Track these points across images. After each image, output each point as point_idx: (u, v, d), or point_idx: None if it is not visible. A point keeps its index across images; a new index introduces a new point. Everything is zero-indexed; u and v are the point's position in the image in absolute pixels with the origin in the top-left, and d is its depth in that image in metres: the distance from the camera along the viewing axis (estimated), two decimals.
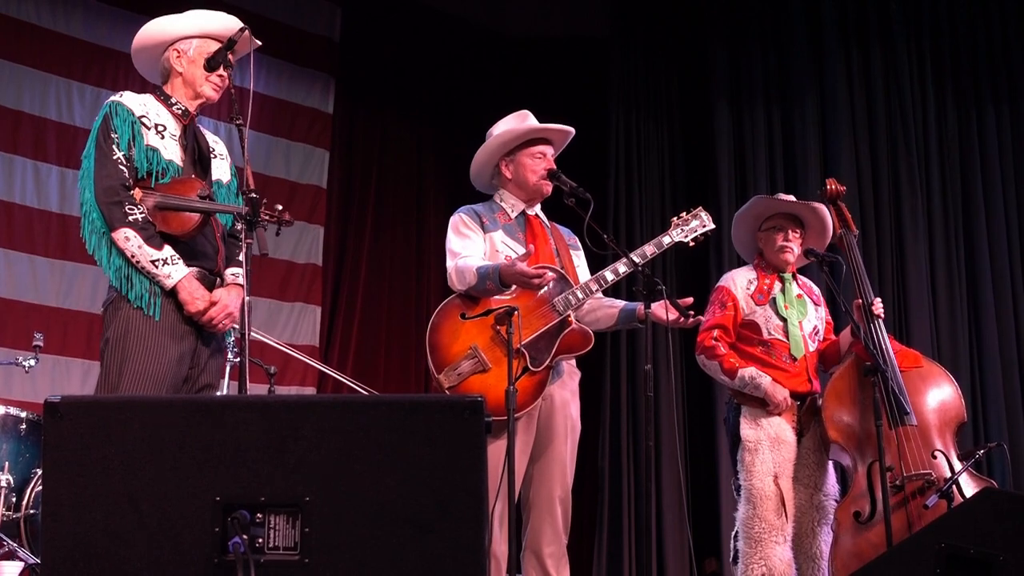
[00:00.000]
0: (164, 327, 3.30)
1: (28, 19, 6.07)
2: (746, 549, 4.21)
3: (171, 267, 3.29)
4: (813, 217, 4.47)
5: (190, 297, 3.32)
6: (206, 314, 3.35)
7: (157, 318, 3.28)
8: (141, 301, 3.27)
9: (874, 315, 4.34)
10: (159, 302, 3.29)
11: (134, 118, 3.36)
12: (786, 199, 4.51)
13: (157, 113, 3.45)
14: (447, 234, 3.98)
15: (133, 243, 3.25)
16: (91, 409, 2.07)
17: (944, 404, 4.31)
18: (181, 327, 3.34)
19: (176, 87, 3.53)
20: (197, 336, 3.39)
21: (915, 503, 4.02)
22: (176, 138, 3.45)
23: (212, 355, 3.48)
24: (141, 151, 3.34)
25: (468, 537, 1.98)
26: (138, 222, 3.26)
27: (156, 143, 3.38)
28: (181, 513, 1.96)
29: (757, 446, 4.26)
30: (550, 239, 4.04)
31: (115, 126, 3.33)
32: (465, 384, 3.67)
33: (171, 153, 3.41)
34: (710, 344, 4.36)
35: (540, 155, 4.02)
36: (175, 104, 3.50)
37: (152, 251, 3.26)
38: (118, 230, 3.25)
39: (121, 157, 3.30)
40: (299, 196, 6.99)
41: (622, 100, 7.36)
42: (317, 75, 7.23)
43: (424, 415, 2.04)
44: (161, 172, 3.36)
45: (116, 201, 3.26)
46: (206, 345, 3.43)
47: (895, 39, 6.90)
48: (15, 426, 4.51)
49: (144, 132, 3.37)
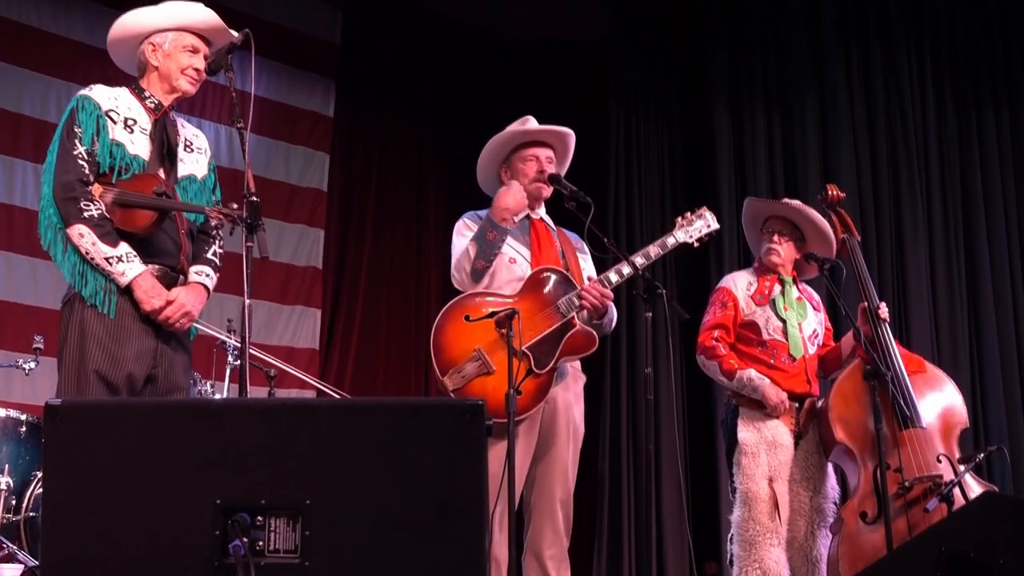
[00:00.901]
0: (120, 325, 3.25)
1: (29, 22, 6.08)
2: (740, 552, 4.21)
3: (126, 264, 3.24)
4: (805, 222, 4.48)
5: (145, 295, 3.26)
6: (162, 313, 3.29)
7: (112, 316, 3.23)
8: (95, 299, 3.23)
9: (880, 319, 4.34)
10: (114, 300, 3.24)
11: (100, 112, 3.33)
12: (784, 203, 4.52)
13: (128, 107, 3.41)
14: (452, 241, 4.00)
15: (87, 240, 3.21)
16: (91, 412, 2.07)
17: (948, 409, 4.32)
18: (138, 325, 3.29)
19: (151, 81, 3.49)
20: (157, 335, 3.33)
21: (921, 506, 4.02)
22: (146, 132, 3.41)
23: (175, 353, 3.40)
24: (105, 146, 3.30)
25: (468, 540, 1.98)
26: (93, 218, 3.22)
27: (123, 137, 3.34)
28: (181, 516, 1.96)
29: (753, 449, 4.27)
30: (555, 242, 4.04)
31: (80, 120, 3.30)
32: (469, 386, 3.66)
33: (138, 148, 3.36)
34: (710, 344, 4.37)
35: (532, 158, 4.03)
36: (148, 98, 3.47)
37: (106, 248, 3.22)
38: (72, 226, 3.22)
39: (83, 152, 3.27)
40: (299, 199, 6.99)
41: (622, 102, 7.37)
42: (318, 79, 7.23)
43: (425, 418, 2.04)
44: (125, 167, 3.32)
45: (72, 197, 3.22)
46: (167, 343, 3.37)
47: (895, 40, 6.90)
48: (15, 429, 4.51)
49: (110, 126, 3.33)
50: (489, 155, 4.08)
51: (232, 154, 6.54)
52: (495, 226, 3.83)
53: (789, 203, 4.51)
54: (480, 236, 3.84)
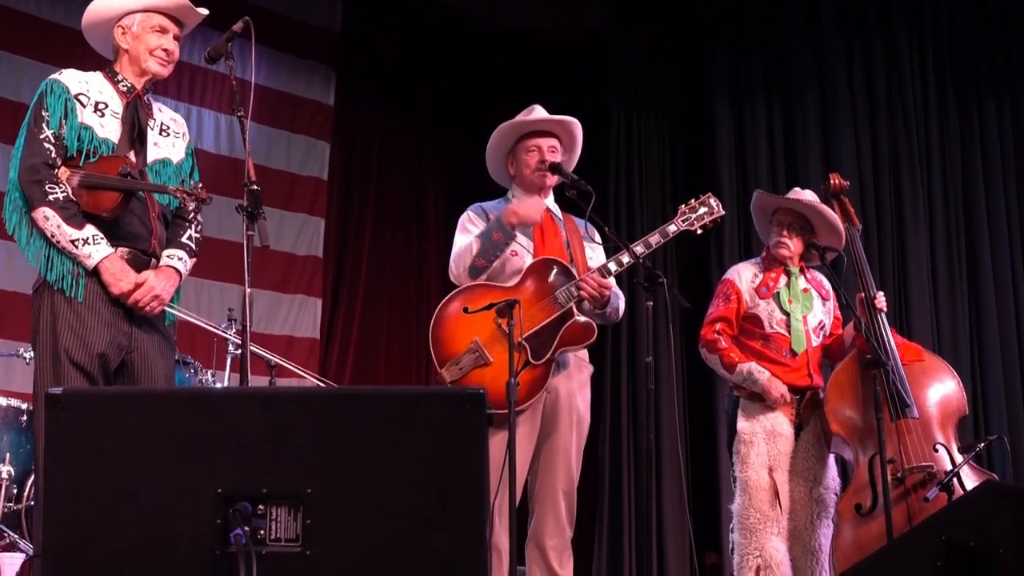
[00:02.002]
0: (91, 309, 3.22)
1: (28, 10, 6.07)
2: (741, 540, 4.23)
3: (92, 247, 3.21)
4: (815, 215, 4.48)
5: (113, 279, 3.23)
6: (131, 296, 3.25)
7: (80, 299, 3.21)
8: (63, 283, 3.21)
9: (876, 309, 4.34)
10: (83, 283, 3.22)
11: (68, 95, 3.31)
12: (794, 198, 4.50)
13: (100, 90, 3.40)
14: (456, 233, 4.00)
15: (52, 222, 3.18)
16: (92, 401, 2.07)
17: (946, 398, 4.32)
18: (110, 309, 3.25)
19: (123, 64, 3.47)
20: (131, 320, 3.30)
21: (916, 496, 4.03)
22: (118, 116, 3.39)
23: (150, 338, 3.36)
24: (73, 129, 3.28)
25: (469, 529, 1.98)
26: (59, 201, 3.19)
27: (92, 121, 3.32)
28: (182, 505, 1.96)
29: (752, 438, 4.28)
30: (561, 231, 4.03)
31: (48, 104, 3.29)
32: (467, 378, 3.66)
33: (108, 131, 3.34)
34: (712, 337, 4.38)
35: (534, 148, 4.01)
36: (121, 81, 3.45)
37: (72, 231, 3.19)
38: (37, 209, 3.20)
39: (49, 135, 3.25)
40: (300, 188, 6.99)
41: (622, 96, 7.35)
42: (318, 67, 7.22)
43: (425, 407, 2.04)
44: (93, 150, 3.29)
45: (36, 180, 3.20)
46: (140, 328, 3.33)
47: (896, 33, 6.88)
48: (16, 418, 4.51)
49: (79, 110, 3.31)
50: (495, 145, 4.07)
51: (233, 143, 6.54)
52: (502, 228, 3.81)
53: (800, 198, 4.49)
54: (486, 235, 3.83)
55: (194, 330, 5.45)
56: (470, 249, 3.83)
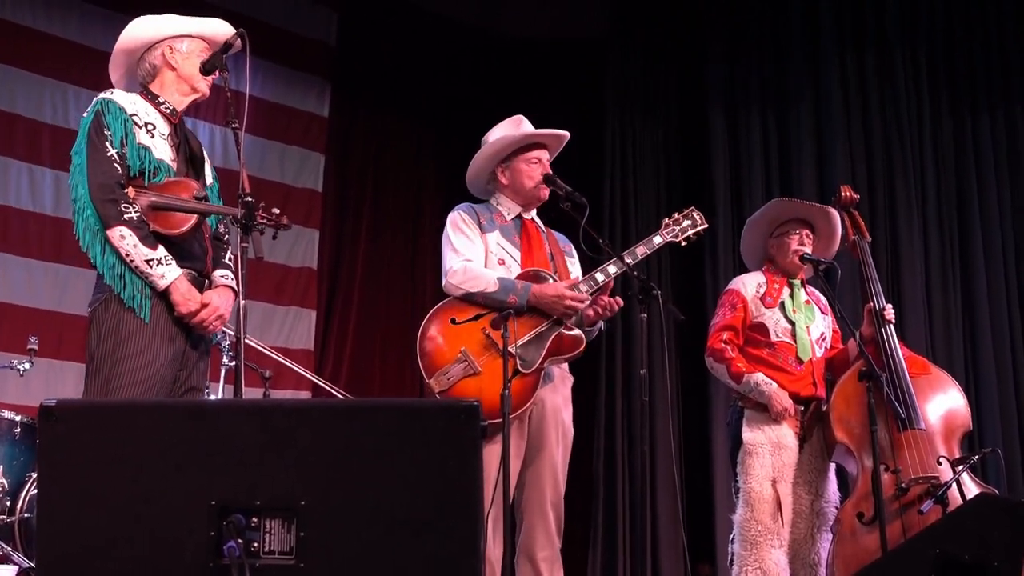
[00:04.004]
0: (155, 329, 3.26)
1: (23, 22, 6.06)
2: (741, 552, 4.22)
3: (165, 267, 3.25)
4: (825, 223, 4.50)
5: (183, 299, 3.28)
6: (197, 316, 3.31)
7: (147, 320, 3.24)
8: (133, 301, 3.23)
9: (885, 320, 4.36)
10: (149, 303, 3.25)
11: (126, 116, 3.33)
12: (804, 203, 4.53)
13: (146, 111, 3.42)
14: (445, 231, 3.97)
15: (128, 241, 3.21)
16: (86, 413, 2.07)
17: (951, 412, 4.33)
18: (172, 329, 3.31)
19: (166, 84, 3.48)
20: (187, 338, 3.36)
21: (917, 507, 4.03)
22: (166, 137, 3.42)
23: (200, 357, 3.45)
24: (133, 149, 3.30)
25: (464, 541, 1.98)
26: (133, 221, 3.22)
27: (147, 142, 3.35)
28: (176, 517, 1.95)
29: (757, 449, 4.27)
30: (545, 244, 4.05)
31: (108, 123, 3.30)
32: (455, 388, 3.66)
33: (161, 152, 3.37)
34: (719, 347, 4.39)
35: (536, 160, 4.02)
36: (163, 103, 3.47)
37: (147, 250, 3.23)
38: (113, 228, 3.22)
39: (115, 155, 3.27)
40: (294, 200, 6.98)
41: (619, 103, 7.37)
42: (313, 79, 7.22)
43: (420, 419, 2.04)
44: (153, 171, 3.32)
45: (111, 198, 3.22)
46: (195, 348, 3.40)
47: (891, 43, 6.91)
48: (10, 430, 4.50)
49: (135, 130, 3.33)
50: (490, 156, 4.04)
51: (227, 155, 6.54)
52: (521, 300, 3.73)
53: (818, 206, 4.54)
54: (503, 290, 3.75)
55: None
56: (486, 284, 3.77)
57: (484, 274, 3.80)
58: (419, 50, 7.60)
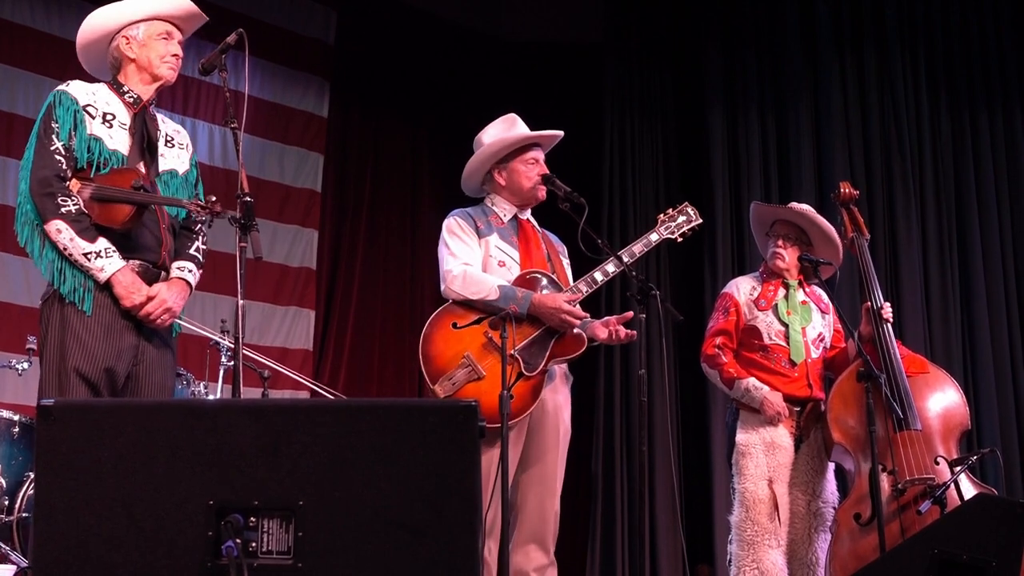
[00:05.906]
0: (100, 323, 3.21)
1: (23, 22, 6.06)
2: (739, 552, 4.23)
3: (104, 260, 3.20)
4: (811, 227, 4.49)
5: (125, 291, 3.22)
6: (143, 309, 3.24)
7: (88, 313, 3.20)
8: (74, 295, 3.19)
9: (883, 319, 4.36)
10: (91, 297, 3.21)
11: (77, 107, 3.30)
12: (789, 207, 4.52)
13: (107, 102, 3.38)
14: (441, 237, 3.96)
15: (65, 235, 3.17)
16: (84, 412, 2.06)
17: (949, 411, 4.32)
18: (120, 322, 3.25)
19: (130, 74, 3.45)
20: (139, 332, 3.30)
21: (914, 508, 4.03)
22: (125, 127, 3.38)
23: (158, 351, 3.36)
24: (83, 140, 3.27)
25: (462, 542, 1.98)
26: (71, 214, 3.18)
27: (101, 132, 3.31)
28: (174, 517, 1.95)
29: (750, 450, 4.28)
30: (542, 244, 4.05)
31: (57, 115, 3.27)
32: (460, 393, 3.65)
33: (117, 143, 3.33)
34: (712, 352, 4.40)
35: (533, 161, 4.01)
36: (127, 92, 3.43)
37: (84, 243, 3.18)
38: (50, 222, 3.18)
39: (60, 147, 3.24)
40: (293, 200, 6.98)
41: (616, 104, 7.37)
42: (312, 79, 7.22)
43: (418, 419, 2.04)
44: (103, 162, 3.28)
45: (49, 192, 3.19)
46: (150, 341, 3.32)
47: (889, 44, 6.92)
48: (8, 429, 4.49)
49: (88, 121, 3.30)
50: (486, 157, 4.03)
51: (226, 154, 6.53)
52: (522, 308, 3.72)
53: (794, 207, 4.51)
54: (504, 298, 3.73)
55: (187, 341, 5.45)
56: (487, 291, 3.75)
57: (485, 281, 3.79)
58: (418, 51, 7.60)
